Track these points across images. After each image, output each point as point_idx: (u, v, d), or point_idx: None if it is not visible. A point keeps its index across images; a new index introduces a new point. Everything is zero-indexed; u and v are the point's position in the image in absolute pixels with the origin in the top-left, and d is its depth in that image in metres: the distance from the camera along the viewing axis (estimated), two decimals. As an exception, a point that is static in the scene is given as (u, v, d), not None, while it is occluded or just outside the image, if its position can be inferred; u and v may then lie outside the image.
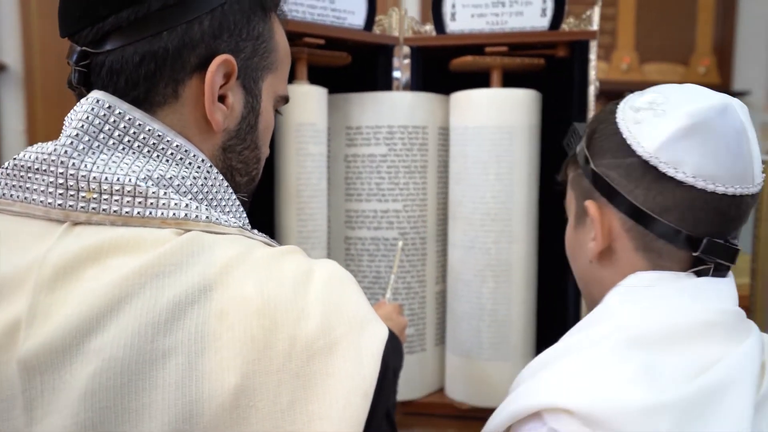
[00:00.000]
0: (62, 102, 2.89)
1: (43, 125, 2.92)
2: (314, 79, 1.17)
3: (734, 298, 0.66)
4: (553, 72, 1.21)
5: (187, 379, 0.49)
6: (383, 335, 0.54)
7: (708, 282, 0.65)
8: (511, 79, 1.21)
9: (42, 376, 0.49)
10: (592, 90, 1.16)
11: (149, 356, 0.49)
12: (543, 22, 1.18)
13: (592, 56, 1.16)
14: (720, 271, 0.66)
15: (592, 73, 1.16)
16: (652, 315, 0.64)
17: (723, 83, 4.17)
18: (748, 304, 1.42)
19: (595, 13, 1.16)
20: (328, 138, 1.22)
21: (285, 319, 0.51)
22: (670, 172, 0.64)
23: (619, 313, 0.66)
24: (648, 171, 0.65)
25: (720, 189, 0.63)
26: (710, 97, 0.65)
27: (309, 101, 1.13)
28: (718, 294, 0.65)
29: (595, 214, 0.70)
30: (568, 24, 1.21)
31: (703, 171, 0.63)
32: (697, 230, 0.65)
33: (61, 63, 2.86)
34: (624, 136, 0.67)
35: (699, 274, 0.66)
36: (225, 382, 0.49)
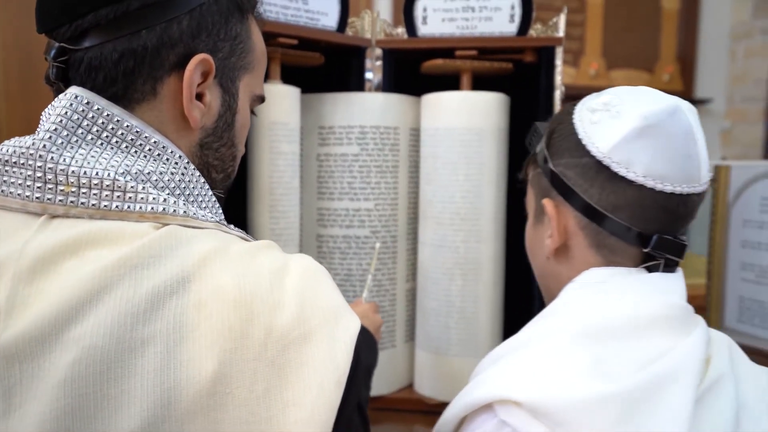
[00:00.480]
0: (25, 101, 2.83)
1: (5, 124, 2.86)
2: (287, 78, 1.19)
3: (683, 292, 0.68)
4: (521, 76, 1.25)
5: (166, 367, 0.50)
6: (356, 327, 0.57)
7: (658, 277, 0.68)
8: (480, 83, 1.25)
9: (21, 365, 0.50)
10: (558, 94, 1.20)
11: (128, 344, 0.50)
12: (511, 28, 1.22)
13: (558, 62, 1.20)
14: (670, 267, 0.69)
15: (558, 78, 1.20)
16: (603, 309, 0.66)
17: (686, 91, 4.30)
18: (704, 303, 1.48)
19: (561, 20, 1.20)
20: (301, 137, 1.24)
21: (261, 310, 0.53)
22: (622, 172, 0.66)
23: (572, 307, 0.69)
24: (602, 170, 0.67)
25: (668, 188, 0.66)
26: (662, 100, 0.67)
27: (282, 100, 1.15)
28: (668, 289, 0.67)
29: (552, 212, 0.72)
30: (536, 30, 1.25)
31: (653, 171, 0.66)
32: (647, 227, 0.68)
33: (22, 61, 2.81)
34: (580, 137, 0.70)
35: (650, 269, 0.69)
36: (203, 369, 0.50)
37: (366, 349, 0.59)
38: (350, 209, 1.24)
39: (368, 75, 1.32)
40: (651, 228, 0.68)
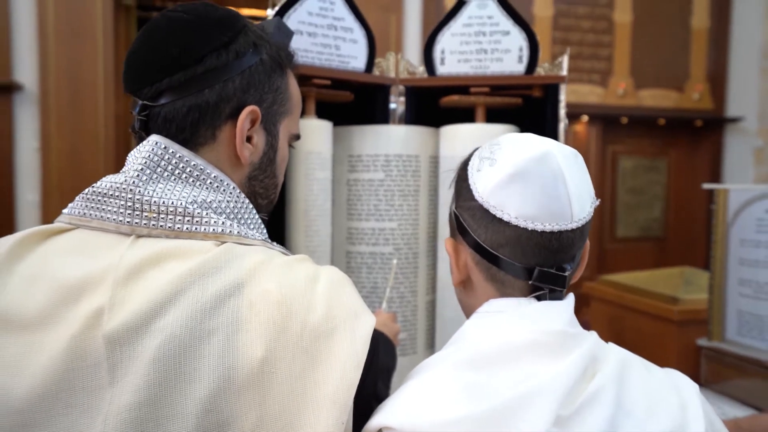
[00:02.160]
0: (73, 120, 3.05)
1: (56, 143, 3.09)
2: (321, 113, 1.37)
3: (565, 318, 0.75)
4: (529, 109, 1.41)
5: (226, 351, 0.68)
6: (371, 323, 0.73)
7: (544, 306, 0.75)
8: (492, 115, 1.41)
9: (121, 348, 0.68)
10: (562, 126, 1.36)
11: (198, 334, 0.68)
12: (520, 68, 1.38)
13: (562, 96, 1.35)
14: (555, 294, 0.77)
15: (562, 112, 1.35)
16: (487, 339, 0.74)
17: (716, 109, 4.35)
18: (707, 316, 1.60)
19: (565, 60, 1.36)
20: (333, 165, 1.42)
21: (298, 309, 0.71)
22: (499, 214, 0.74)
23: (467, 336, 0.77)
24: (484, 213, 0.76)
25: (539, 227, 0.73)
26: (533, 147, 0.74)
27: (316, 133, 1.33)
28: (549, 316, 0.74)
29: (449, 250, 0.83)
30: (544, 68, 1.40)
31: (524, 212, 0.73)
32: (527, 262, 0.75)
33: (72, 83, 3.04)
34: (469, 182, 0.79)
35: (539, 298, 0.77)
36: (254, 353, 0.68)
37: (384, 350, 0.76)
38: (376, 229, 1.41)
39: (392, 105, 1.49)
40: (532, 262, 0.75)
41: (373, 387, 0.76)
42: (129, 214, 0.76)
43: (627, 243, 4.39)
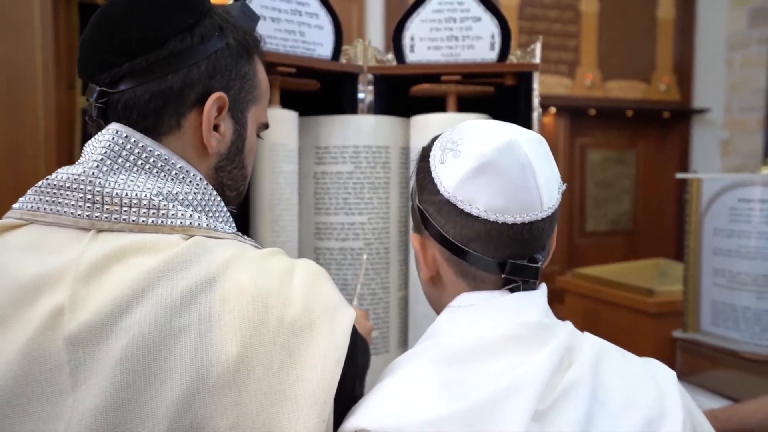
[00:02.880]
0: (11, 115, 2.94)
1: None
2: (286, 103, 1.36)
3: (540, 309, 0.76)
4: (501, 98, 1.43)
5: (199, 349, 0.67)
6: (351, 316, 0.73)
7: (518, 297, 0.76)
8: (464, 104, 1.42)
9: (84, 349, 0.67)
10: (535, 115, 1.38)
11: (169, 332, 0.67)
12: (492, 55, 1.40)
13: (536, 85, 1.37)
14: (528, 285, 0.77)
15: (536, 101, 1.37)
16: (462, 334, 0.74)
17: (683, 100, 4.48)
18: (682, 307, 1.64)
19: (538, 48, 1.38)
20: (299, 157, 1.41)
21: (274, 304, 0.70)
22: (467, 209, 0.74)
23: (441, 331, 0.78)
24: (452, 208, 0.76)
25: (509, 219, 0.73)
26: (498, 137, 0.74)
27: (282, 124, 1.32)
28: (524, 308, 0.75)
29: (416, 246, 0.82)
30: (516, 56, 1.42)
31: (493, 205, 0.73)
32: (499, 255, 0.75)
33: (8, 76, 2.95)
34: (432, 176, 0.78)
35: (512, 290, 0.77)
36: (228, 351, 0.67)
37: (361, 350, 0.76)
38: (345, 223, 1.41)
39: (360, 95, 1.49)
40: (503, 255, 0.76)
41: (353, 385, 0.76)
42: (89, 207, 0.74)
43: (596, 237, 4.48)
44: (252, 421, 0.66)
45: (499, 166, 0.73)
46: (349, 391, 0.75)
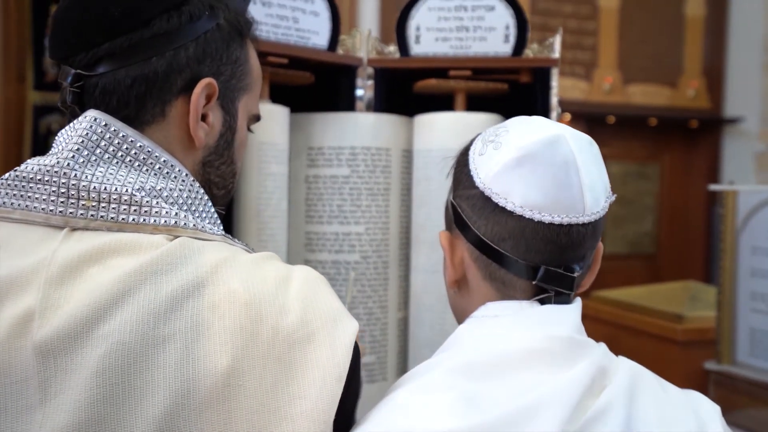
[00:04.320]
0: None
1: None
2: (276, 98, 1.38)
3: (572, 324, 0.77)
4: (516, 97, 1.45)
5: (185, 361, 0.68)
6: (354, 328, 0.75)
7: (548, 310, 0.77)
8: (474, 103, 1.45)
9: (55, 359, 0.67)
10: (554, 116, 1.40)
11: (152, 341, 0.68)
12: (506, 48, 1.42)
13: (554, 83, 1.40)
14: (561, 298, 0.78)
15: (554, 100, 1.40)
16: (485, 345, 0.76)
17: (713, 108, 4.53)
18: (715, 335, 1.66)
19: (557, 41, 1.41)
20: (290, 158, 1.42)
21: (268, 313, 0.71)
22: (502, 203, 0.77)
23: (462, 341, 0.80)
24: (486, 202, 0.78)
25: (547, 218, 0.75)
26: (544, 130, 0.77)
27: (271, 120, 1.34)
28: (554, 321, 0.76)
29: (445, 244, 0.85)
30: (532, 50, 1.45)
31: (530, 201, 0.75)
32: (532, 259, 0.77)
33: None
34: (470, 168, 0.81)
35: (543, 302, 0.78)
36: (218, 363, 0.68)
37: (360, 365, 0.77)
38: (340, 233, 1.42)
39: (359, 92, 1.51)
40: (537, 259, 0.77)
41: (353, 407, 0.77)
42: (62, 202, 0.75)
43: (615, 261, 4.51)
44: None
45: (540, 159, 0.75)
46: (349, 414, 0.76)
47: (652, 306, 1.82)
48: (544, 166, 0.76)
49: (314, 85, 1.43)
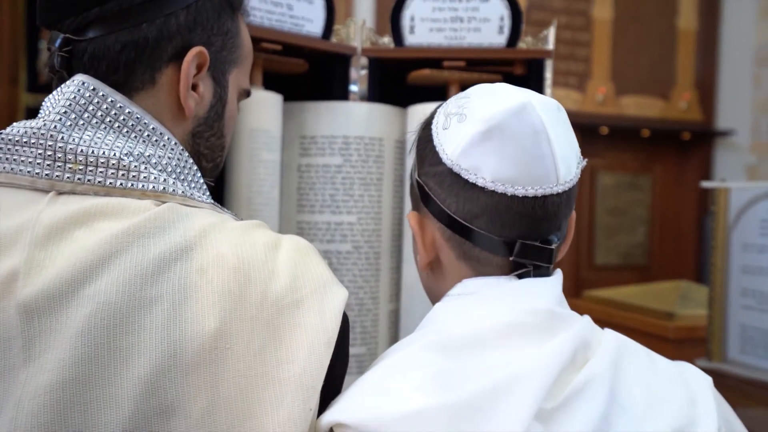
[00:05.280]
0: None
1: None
2: (269, 85, 1.37)
3: (552, 296, 0.75)
4: (510, 88, 1.45)
5: (172, 323, 0.67)
6: (343, 296, 0.74)
7: (527, 283, 0.76)
8: (468, 94, 1.44)
9: (40, 319, 0.66)
10: (548, 107, 1.40)
11: (138, 302, 0.67)
12: (500, 39, 1.43)
13: (548, 74, 1.40)
14: (540, 271, 0.77)
15: (548, 92, 1.40)
16: (461, 321, 0.74)
17: (705, 120, 4.56)
18: (706, 333, 1.66)
19: (551, 33, 1.41)
20: (282, 147, 1.42)
21: (257, 277, 0.70)
22: (472, 179, 0.74)
23: (437, 319, 0.78)
24: (455, 179, 0.75)
25: (520, 191, 0.73)
26: (508, 99, 0.74)
27: (264, 107, 1.33)
28: (533, 294, 0.75)
29: (414, 225, 0.82)
30: (526, 42, 1.45)
31: (501, 175, 0.73)
32: (507, 234, 0.75)
33: None
34: (434, 144, 0.78)
35: (521, 276, 0.76)
36: (205, 326, 0.67)
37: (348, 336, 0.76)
38: (332, 223, 1.42)
39: (353, 87, 1.51)
40: (512, 234, 0.75)
41: (342, 375, 0.76)
42: (48, 165, 0.74)
43: (606, 271, 4.51)
44: (229, 406, 0.66)
45: (509, 131, 0.73)
46: (338, 383, 0.75)
47: (644, 304, 1.82)
48: (513, 137, 0.73)
49: (308, 74, 1.43)
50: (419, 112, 1.43)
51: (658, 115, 4.55)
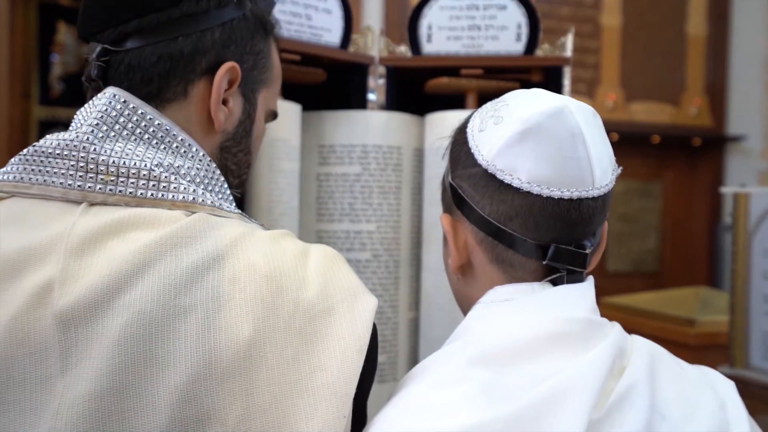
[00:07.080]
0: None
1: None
2: (287, 95, 1.38)
3: (587, 304, 0.75)
4: (528, 96, 1.45)
5: (207, 331, 0.67)
6: (373, 304, 0.74)
7: (561, 291, 0.75)
8: (486, 102, 1.44)
9: (76, 329, 0.67)
10: (566, 114, 1.40)
11: (173, 311, 0.67)
12: (518, 47, 1.43)
13: (566, 81, 1.40)
14: (574, 277, 0.76)
15: (566, 98, 1.40)
16: (499, 331, 0.74)
17: (716, 126, 4.55)
18: (728, 340, 1.65)
19: (569, 40, 1.41)
20: (301, 156, 1.42)
21: (289, 286, 0.71)
22: (507, 179, 0.74)
23: (472, 330, 0.77)
24: (490, 180, 0.75)
25: (555, 193, 0.73)
26: (546, 101, 0.75)
27: (283, 117, 1.33)
28: (569, 302, 0.74)
29: (447, 228, 0.81)
30: (543, 50, 1.46)
31: (537, 176, 0.73)
32: (541, 237, 0.75)
33: None
34: (469, 145, 0.78)
35: (555, 282, 0.76)
36: (239, 334, 0.67)
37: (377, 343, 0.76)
38: (351, 231, 1.42)
39: (371, 96, 1.51)
40: (546, 237, 0.75)
41: (369, 385, 0.76)
42: (81, 176, 0.75)
43: (618, 278, 4.50)
44: (264, 414, 0.67)
45: (545, 132, 0.73)
46: (366, 390, 0.75)
47: (664, 311, 1.81)
48: (550, 138, 0.73)
49: (326, 83, 1.44)
50: (437, 120, 1.43)
51: (668, 121, 4.55)
